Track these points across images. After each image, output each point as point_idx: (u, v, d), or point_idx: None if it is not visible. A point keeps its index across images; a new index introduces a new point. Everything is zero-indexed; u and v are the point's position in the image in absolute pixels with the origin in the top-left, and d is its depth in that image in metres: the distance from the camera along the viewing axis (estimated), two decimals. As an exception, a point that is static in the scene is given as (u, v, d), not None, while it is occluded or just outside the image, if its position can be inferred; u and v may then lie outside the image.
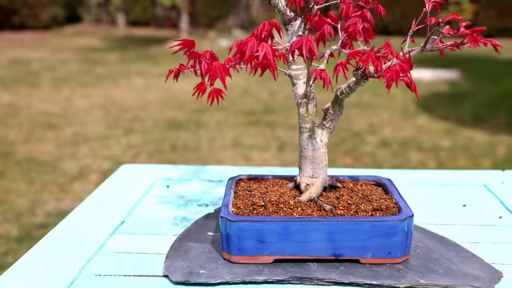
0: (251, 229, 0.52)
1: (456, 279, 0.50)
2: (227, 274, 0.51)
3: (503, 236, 0.61)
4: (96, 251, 0.58)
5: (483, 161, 2.99)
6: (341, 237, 0.51)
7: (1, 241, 1.99)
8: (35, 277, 0.53)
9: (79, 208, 0.71)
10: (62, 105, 4.29)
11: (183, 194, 0.75)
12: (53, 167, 2.82)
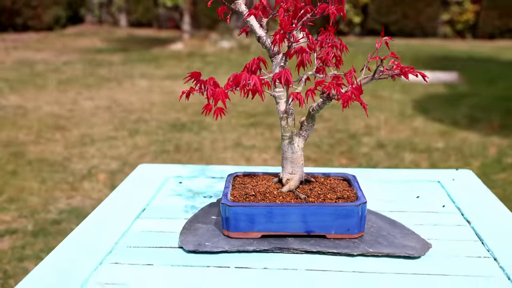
0: (244, 213, 0.70)
1: (396, 249, 0.68)
2: (226, 245, 0.69)
3: (442, 220, 0.79)
4: (126, 230, 0.76)
5: (473, 161, 3.17)
6: (312, 218, 0.69)
7: (18, 235, 2.17)
8: (83, 248, 0.71)
9: (107, 200, 0.89)
10: (69, 107, 4.48)
11: (191, 188, 0.93)
12: (63, 167, 3.01)
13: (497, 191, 2.70)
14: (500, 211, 0.81)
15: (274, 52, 0.70)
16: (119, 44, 9.49)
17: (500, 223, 0.78)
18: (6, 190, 2.63)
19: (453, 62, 7.47)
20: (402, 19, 12.06)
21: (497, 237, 0.72)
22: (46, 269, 0.66)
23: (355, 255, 0.67)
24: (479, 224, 0.77)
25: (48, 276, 0.64)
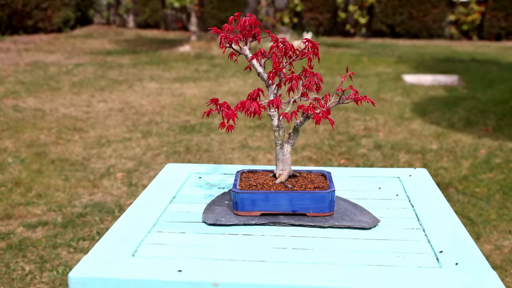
0: (248, 198, 1.00)
1: (355, 222, 0.98)
2: (235, 220, 0.99)
3: (393, 204, 1.08)
4: (163, 211, 1.07)
5: (463, 162, 3.46)
6: (296, 202, 0.99)
7: (49, 227, 2.49)
8: (135, 223, 1.01)
9: (146, 190, 1.19)
10: (84, 109, 4.81)
11: (208, 181, 1.23)
12: (83, 166, 3.33)
13: (483, 189, 2.99)
14: (438, 199, 1.11)
15: (269, 84, 1.01)
16: (127, 45, 9.83)
17: (434, 206, 1.08)
18: (34, 187, 2.96)
19: (455, 64, 7.74)
20: (408, 20, 12.32)
21: (429, 216, 1.02)
22: (112, 235, 0.96)
23: (326, 227, 0.97)
24: (419, 207, 1.07)
25: (115, 240, 0.94)
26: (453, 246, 0.90)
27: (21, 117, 4.42)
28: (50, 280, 2.03)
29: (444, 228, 0.97)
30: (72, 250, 2.26)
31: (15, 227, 2.48)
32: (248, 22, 1.00)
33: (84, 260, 0.86)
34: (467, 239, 0.93)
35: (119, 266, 0.84)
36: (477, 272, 0.82)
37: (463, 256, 0.86)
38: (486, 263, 0.85)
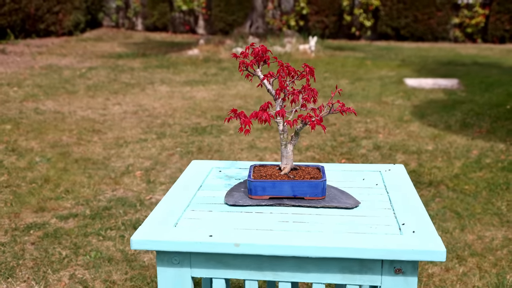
0: (259, 185, 1.31)
1: (341, 204, 1.29)
2: (250, 202, 1.31)
3: (373, 191, 1.39)
4: (193, 196, 1.38)
5: (456, 161, 3.77)
6: (296, 188, 1.30)
7: (79, 218, 2.83)
8: (175, 204, 1.33)
9: (178, 181, 1.51)
10: (100, 112, 5.15)
11: (227, 174, 1.55)
12: (105, 165, 3.67)
13: (471, 186, 3.30)
14: (408, 188, 1.42)
15: (276, 98, 1.32)
16: (137, 48, 10.18)
17: (404, 193, 1.39)
18: (61, 184, 3.30)
19: (457, 68, 8.03)
20: (412, 23, 12.62)
21: (399, 200, 1.33)
22: (158, 213, 1.27)
23: (319, 207, 1.29)
24: (392, 194, 1.38)
25: (160, 216, 1.26)
26: (413, 221, 1.22)
27: (43, 119, 4.77)
28: (85, 263, 2.37)
29: (409, 209, 1.29)
30: (101, 238, 2.60)
31: (48, 218, 2.81)
32: (260, 50, 1.32)
33: (139, 229, 1.18)
34: (424, 216, 1.24)
35: (166, 233, 1.16)
36: (427, 237, 1.13)
37: (418, 227, 1.18)
38: (435, 232, 1.16)
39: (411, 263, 1.11)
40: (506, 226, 2.77)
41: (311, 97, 1.35)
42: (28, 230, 2.67)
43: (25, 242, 2.55)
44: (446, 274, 2.32)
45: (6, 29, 9.46)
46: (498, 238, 2.64)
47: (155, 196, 3.12)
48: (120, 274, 2.28)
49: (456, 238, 2.64)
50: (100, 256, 2.42)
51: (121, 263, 2.36)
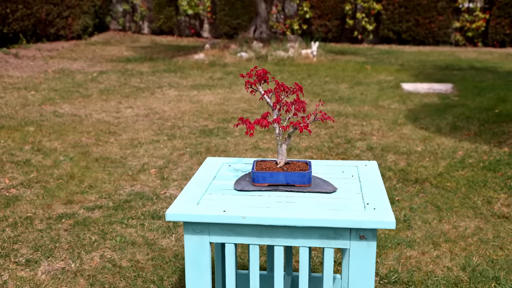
0: (260, 175, 1.73)
1: (322, 189, 1.71)
2: (253, 188, 1.73)
3: (349, 180, 1.82)
4: (210, 183, 1.81)
5: (441, 161, 4.19)
6: (288, 177, 1.72)
7: (103, 209, 3.26)
8: (196, 189, 1.76)
9: (197, 174, 1.94)
10: (114, 115, 5.60)
11: (235, 168, 1.98)
12: (122, 163, 4.11)
13: (452, 184, 3.72)
14: (377, 179, 1.84)
15: (273, 108, 1.76)
16: (144, 52, 10.64)
17: (372, 183, 1.82)
18: (85, 180, 3.74)
19: (453, 72, 8.45)
20: (414, 27, 13.04)
21: (367, 188, 1.75)
22: (184, 196, 1.70)
23: (305, 191, 1.72)
24: (364, 183, 1.81)
25: (186, 197, 1.68)
26: (375, 201, 1.65)
27: (62, 122, 5.22)
28: (112, 246, 2.80)
29: (373, 193, 1.72)
30: (124, 226, 3.03)
31: (77, 209, 3.26)
32: (262, 73, 1.76)
33: (171, 206, 1.62)
34: (384, 199, 1.67)
35: (191, 209, 1.60)
36: (383, 213, 1.56)
37: (378, 206, 1.61)
38: (390, 209, 1.59)
39: (371, 230, 1.54)
40: (479, 218, 3.19)
41: (300, 108, 1.78)
42: (60, 219, 3.11)
43: (59, 229, 2.99)
44: (422, 257, 2.75)
45: (19, 33, 9.93)
46: (470, 228, 3.06)
47: (169, 191, 3.56)
48: (142, 255, 2.71)
49: (433, 227, 3.07)
50: (125, 241, 2.85)
51: (143, 246, 2.80)
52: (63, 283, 2.45)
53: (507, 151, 4.39)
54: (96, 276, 2.51)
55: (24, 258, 2.66)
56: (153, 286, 2.44)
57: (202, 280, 1.62)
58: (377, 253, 2.77)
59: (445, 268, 2.63)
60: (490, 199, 3.44)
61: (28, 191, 3.52)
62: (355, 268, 1.56)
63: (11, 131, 4.83)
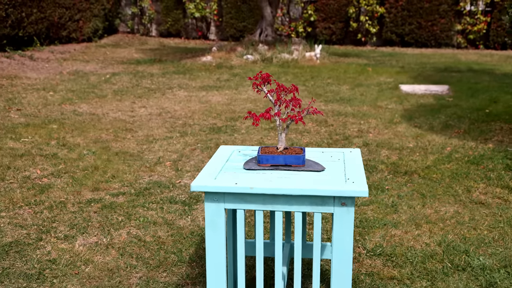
0: (264, 157, 2.20)
1: (313, 169, 2.18)
2: (258, 168, 2.20)
3: (335, 163, 2.29)
4: (224, 165, 2.29)
5: (430, 156, 4.66)
6: (287, 159, 2.19)
7: (126, 195, 3.75)
8: (213, 169, 2.24)
9: (212, 158, 2.41)
10: (129, 114, 6.10)
11: (244, 153, 2.46)
12: (140, 157, 4.60)
13: (438, 175, 4.19)
14: (358, 162, 2.31)
15: (275, 105, 2.24)
16: (153, 54, 11.15)
17: (354, 164, 2.29)
18: (108, 171, 4.23)
19: (451, 74, 8.91)
20: (416, 29, 13.51)
21: (350, 168, 2.23)
22: (204, 173, 2.18)
23: (300, 170, 2.19)
24: (347, 165, 2.28)
25: (205, 174, 2.16)
26: (354, 177, 2.12)
27: (82, 120, 5.72)
28: (136, 225, 3.29)
29: (354, 172, 2.20)
30: (146, 209, 3.52)
31: (103, 195, 3.75)
32: (266, 76, 2.24)
33: (195, 179, 2.10)
34: (362, 175, 2.15)
35: (210, 182, 2.08)
36: (360, 185, 2.04)
37: (356, 180, 2.09)
38: (365, 183, 2.07)
39: (350, 198, 2.02)
40: (458, 204, 3.66)
41: (296, 104, 2.27)
42: (89, 203, 3.61)
43: (89, 211, 3.48)
44: (405, 235, 3.22)
45: (33, 36, 10.46)
46: (449, 212, 3.53)
47: (183, 180, 4.05)
48: (163, 232, 3.20)
49: (417, 211, 3.54)
50: (147, 221, 3.34)
51: (163, 225, 3.29)
52: (98, 253, 2.94)
53: (491, 147, 4.86)
54: (125, 248, 3.00)
55: (62, 234, 3.16)
56: (173, 256, 2.92)
57: (219, 237, 2.11)
58: (365, 232, 3.24)
59: (423, 243, 3.10)
60: (470, 188, 3.91)
61: (58, 180, 4.02)
62: (338, 228, 2.05)
63: (36, 128, 5.34)
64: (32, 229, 3.21)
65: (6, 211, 3.46)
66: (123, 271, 2.76)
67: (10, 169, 4.22)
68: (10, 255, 2.90)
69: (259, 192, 2.03)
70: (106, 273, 2.75)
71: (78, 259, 2.87)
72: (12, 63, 9.08)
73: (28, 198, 3.66)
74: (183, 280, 2.69)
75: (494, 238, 3.16)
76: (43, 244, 3.03)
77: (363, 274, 2.77)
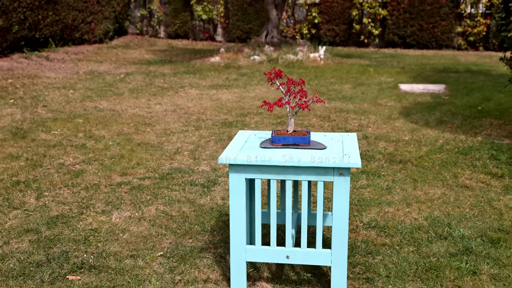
0: (277, 138, 2.72)
1: (317, 147, 2.70)
2: (272, 147, 2.73)
3: (335, 143, 2.82)
4: (243, 145, 2.81)
5: (423, 147, 5.18)
6: (295, 140, 2.70)
7: (151, 179, 4.29)
8: (234, 148, 2.77)
9: (234, 139, 2.93)
10: (146, 110, 6.64)
11: (260, 136, 2.99)
12: (160, 147, 5.14)
13: (429, 163, 4.71)
14: (353, 143, 2.83)
15: (286, 95, 2.76)
16: (163, 55, 11.70)
17: (350, 144, 2.81)
18: (133, 159, 4.77)
19: (449, 75, 9.43)
20: (418, 31, 14.03)
21: (347, 147, 2.74)
22: (227, 151, 2.69)
23: (306, 148, 2.72)
24: (345, 144, 2.81)
25: (229, 151, 2.68)
26: (350, 153, 2.65)
27: (104, 115, 6.27)
28: (163, 203, 3.83)
29: (350, 150, 2.72)
30: (170, 190, 4.06)
31: (131, 179, 4.29)
32: (278, 71, 2.77)
33: (221, 155, 2.63)
34: (356, 152, 2.68)
35: (234, 156, 2.61)
36: (354, 159, 2.57)
37: (352, 156, 2.61)
38: (359, 157, 2.59)
39: (347, 169, 2.55)
40: (445, 187, 4.18)
41: (303, 94, 2.80)
42: (119, 185, 4.14)
43: (120, 191, 4.02)
44: (397, 212, 3.74)
45: (48, 38, 11.03)
46: (437, 194, 4.05)
47: (201, 167, 4.58)
48: (186, 208, 3.74)
49: (409, 193, 4.06)
50: (172, 199, 3.88)
51: (186, 203, 3.82)
52: (132, 224, 3.48)
53: (480, 139, 5.38)
54: (155, 220, 3.54)
55: (100, 209, 3.70)
56: (197, 227, 3.45)
57: (240, 202, 2.64)
58: (362, 209, 3.77)
59: (413, 218, 3.63)
60: (457, 174, 4.43)
61: (90, 166, 4.56)
62: (337, 192, 2.58)
63: (64, 122, 5.89)
64: (73, 206, 3.75)
65: (48, 191, 4.00)
66: (155, 238, 3.29)
67: (46, 157, 4.76)
68: (58, 225, 3.44)
69: (274, 164, 2.56)
70: (141, 239, 3.28)
71: (116, 228, 3.41)
72: (30, 63, 9.64)
73: (65, 181, 4.20)
74: (207, 245, 3.22)
75: (475, 214, 3.68)
76: (85, 217, 3.57)
77: (359, 242, 3.29)
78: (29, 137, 5.34)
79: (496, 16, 5.11)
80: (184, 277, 2.85)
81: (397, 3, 13.98)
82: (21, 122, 5.91)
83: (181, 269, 2.93)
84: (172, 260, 3.02)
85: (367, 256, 3.10)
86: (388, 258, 3.07)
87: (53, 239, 3.24)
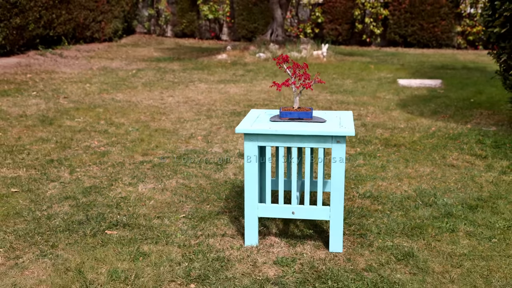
0: (284, 113, 3.25)
1: (318, 121, 3.23)
2: (281, 121, 3.26)
3: (334, 118, 3.34)
4: (255, 119, 3.34)
5: (417, 133, 5.71)
6: (300, 115, 3.23)
7: (171, 159, 4.83)
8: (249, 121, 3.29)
9: (247, 116, 3.46)
10: (160, 102, 7.19)
11: (270, 114, 3.52)
12: (175, 133, 5.69)
13: (421, 147, 5.24)
14: (349, 118, 3.35)
15: (292, 76, 3.29)
16: (171, 53, 12.25)
17: (347, 119, 3.35)
18: (152, 142, 5.31)
19: (446, 71, 9.96)
20: (418, 31, 14.56)
21: (344, 121, 3.27)
22: (243, 124, 3.22)
23: (309, 122, 3.25)
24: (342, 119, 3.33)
25: (244, 123, 3.21)
26: (346, 125, 3.18)
27: (121, 106, 6.82)
28: (182, 177, 4.37)
29: (346, 122, 3.26)
30: (187, 167, 4.60)
31: (151, 158, 4.83)
32: (286, 57, 3.32)
33: (238, 126, 3.17)
34: (351, 123, 3.21)
35: (249, 127, 3.15)
36: (349, 128, 3.10)
37: (347, 126, 3.15)
38: (353, 127, 3.13)
39: (342, 137, 3.08)
40: (434, 166, 4.71)
41: (307, 77, 3.35)
42: (142, 163, 4.69)
43: (143, 168, 4.56)
44: (389, 186, 4.27)
45: (61, 36, 11.60)
46: (426, 171, 4.59)
47: (214, 149, 5.12)
48: (203, 181, 4.28)
49: (401, 171, 4.60)
50: (190, 174, 4.42)
51: (202, 177, 4.36)
52: (156, 193, 4.02)
53: (469, 127, 5.91)
54: (176, 191, 4.08)
55: (127, 181, 4.24)
56: (213, 196, 3.99)
57: (253, 166, 3.18)
58: (358, 183, 4.30)
59: (403, 190, 4.16)
60: (445, 155, 4.97)
61: (113, 148, 5.11)
62: (335, 156, 3.12)
63: (86, 111, 6.45)
64: (103, 179, 4.29)
65: (79, 168, 4.55)
66: (178, 204, 3.84)
67: (73, 140, 5.31)
68: (92, 194, 3.98)
69: (282, 133, 3.10)
70: (165, 204, 3.82)
71: (143, 196, 3.95)
72: (46, 60, 10.21)
73: (93, 160, 4.75)
74: (223, 210, 3.76)
75: (458, 187, 4.21)
76: (114, 188, 4.11)
77: (355, 208, 3.82)
78: (55, 124, 5.89)
79: (484, 13, 5.64)
80: (204, 232, 3.39)
81: (398, 3, 14.51)
82: (46, 111, 6.46)
83: (202, 227, 3.47)
84: (193, 220, 3.56)
85: (361, 219, 3.63)
86: (380, 220, 3.60)
87: (89, 204, 3.78)
